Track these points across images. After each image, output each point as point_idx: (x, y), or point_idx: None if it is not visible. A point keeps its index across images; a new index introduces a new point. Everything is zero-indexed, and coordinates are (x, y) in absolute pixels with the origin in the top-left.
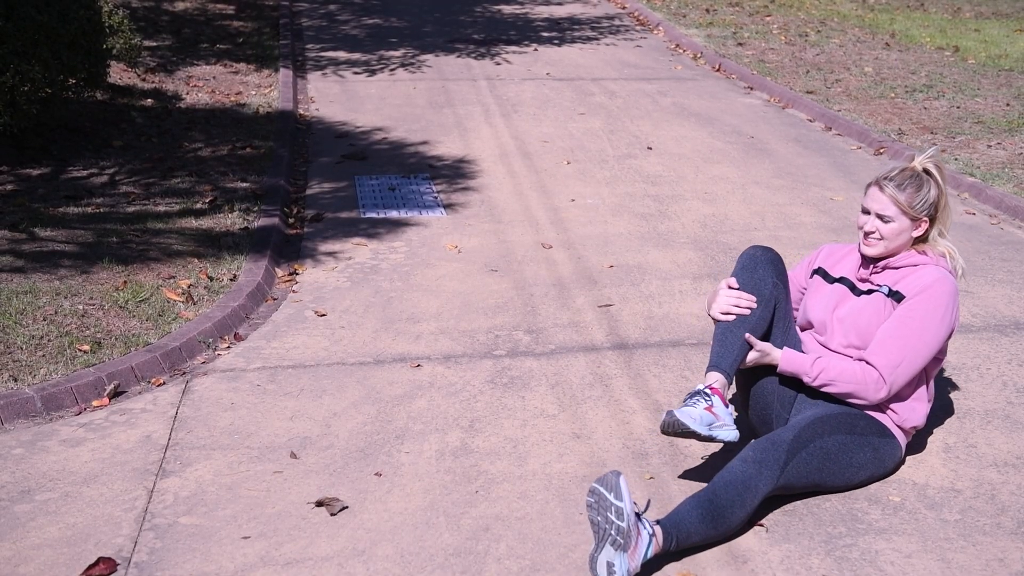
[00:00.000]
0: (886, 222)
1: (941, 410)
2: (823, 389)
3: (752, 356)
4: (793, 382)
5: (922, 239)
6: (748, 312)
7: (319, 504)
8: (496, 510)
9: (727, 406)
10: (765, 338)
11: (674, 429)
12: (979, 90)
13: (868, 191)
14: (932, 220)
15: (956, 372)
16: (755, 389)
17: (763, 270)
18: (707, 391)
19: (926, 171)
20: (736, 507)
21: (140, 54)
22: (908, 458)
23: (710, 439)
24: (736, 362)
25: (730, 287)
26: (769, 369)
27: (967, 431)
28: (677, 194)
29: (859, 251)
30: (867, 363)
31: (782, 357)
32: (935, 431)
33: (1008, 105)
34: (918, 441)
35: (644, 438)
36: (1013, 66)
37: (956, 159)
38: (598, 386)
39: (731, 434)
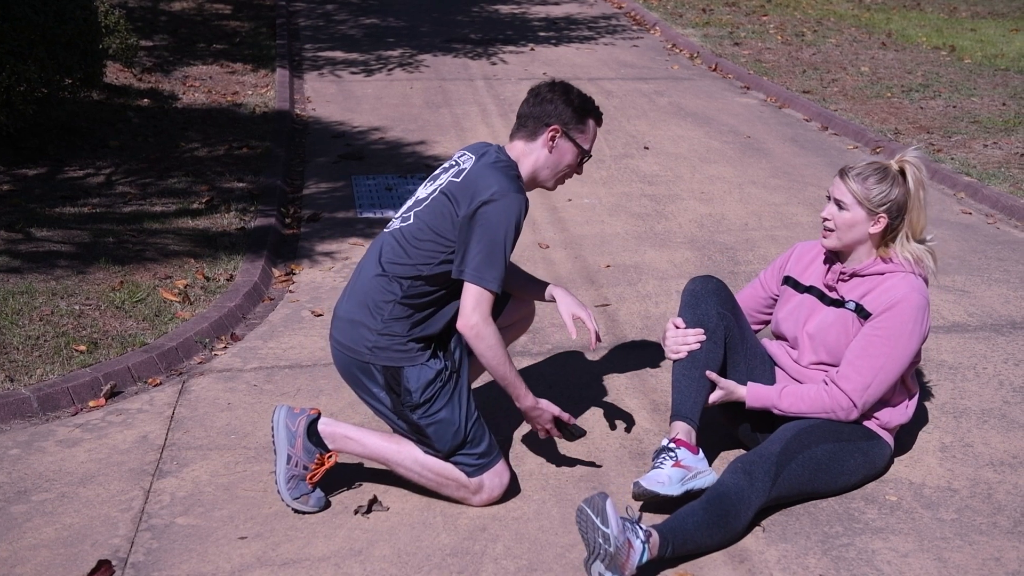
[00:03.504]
0: (841, 210)
1: (937, 409)
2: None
3: (716, 395)
4: (766, 419)
5: (887, 242)
6: (698, 347)
7: (367, 513)
8: (493, 510)
9: (696, 452)
10: (721, 370)
11: (645, 497)
12: (975, 90)
13: (834, 179)
14: (893, 220)
15: (953, 371)
16: (737, 414)
17: (705, 303)
18: (671, 445)
19: (901, 171)
20: (731, 518)
21: (137, 54)
22: (904, 457)
23: (687, 494)
24: (698, 404)
25: (676, 326)
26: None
27: (963, 430)
28: (674, 194)
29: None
30: (836, 385)
31: (748, 394)
32: (932, 430)
33: (1004, 104)
34: (914, 441)
35: (641, 438)
36: (1009, 65)
37: (952, 159)
38: (595, 386)
39: (706, 480)
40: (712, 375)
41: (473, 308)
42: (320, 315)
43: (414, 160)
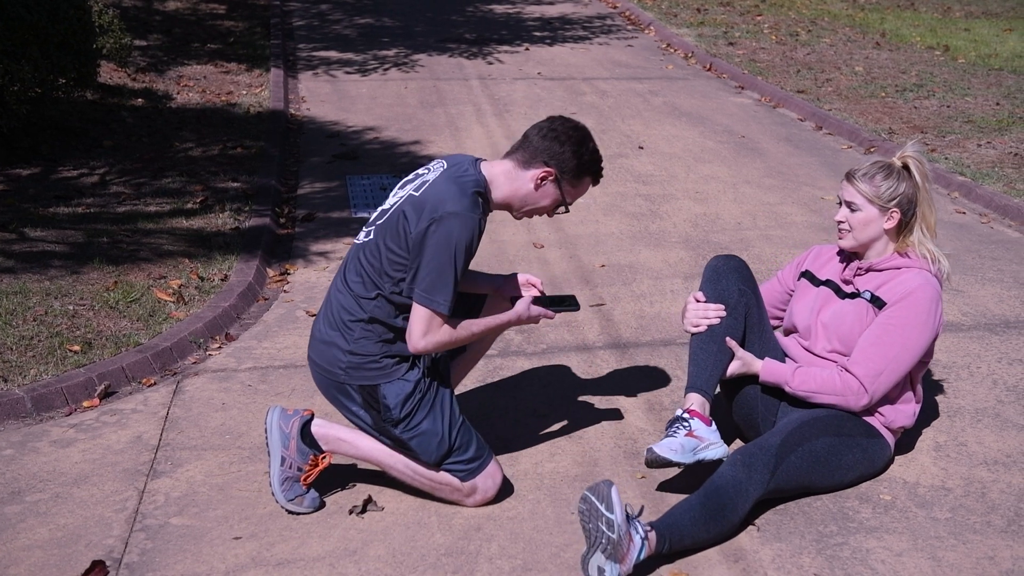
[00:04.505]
0: (854, 211)
1: (931, 409)
2: (804, 399)
3: (734, 366)
4: (775, 390)
5: (904, 237)
6: (718, 321)
7: (361, 513)
8: (488, 510)
9: (709, 424)
10: (740, 345)
11: (658, 464)
12: (969, 89)
13: (842, 183)
14: (905, 214)
15: (946, 371)
16: (739, 395)
17: (727, 280)
18: (685, 416)
19: (904, 166)
20: (728, 510)
21: (131, 54)
22: (899, 457)
23: (698, 463)
24: (713, 377)
25: (697, 300)
26: (752, 377)
27: (957, 430)
28: (668, 193)
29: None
30: (848, 372)
31: (763, 368)
32: (926, 430)
33: (998, 104)
34: (908, 440)
35: (636, 437)
36: (1003, 65)
37: (946, 158)
38: (590, 385)
39: (718, 451)
40: (731, 342)
41: (422, 334)
42: (315, 315)
43: (409, 160)
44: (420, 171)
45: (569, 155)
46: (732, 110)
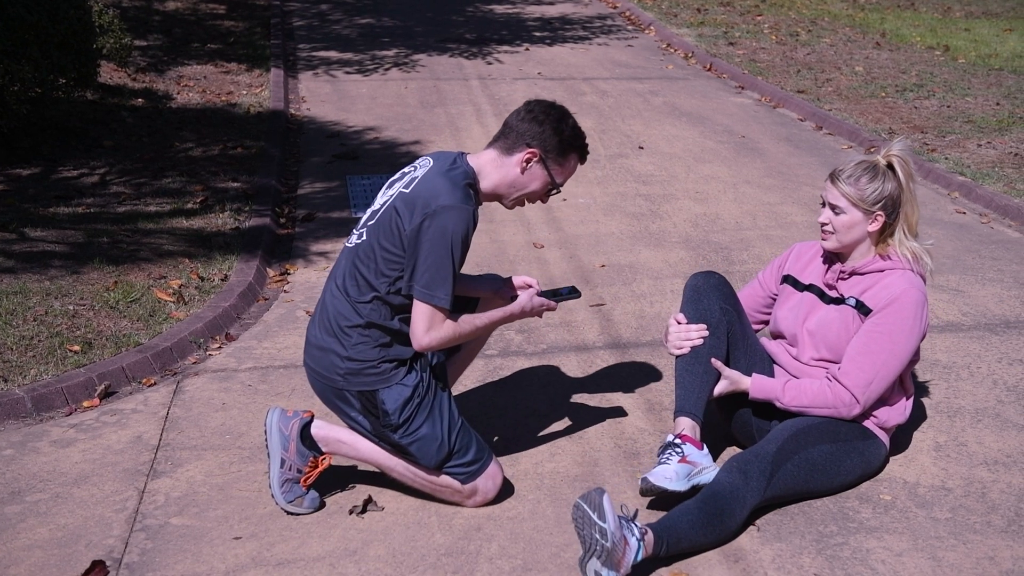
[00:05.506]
0: (837, 214)
1: (932, 409)
2: (796, 413)
3: (721, 386)
4: (767, 408)
5: (885, 239)
6: (701, 342)
7: (361, 513)
8: (488, 510)
9: (701, 448)
10: (724, 363)
11: (653, 493)
12: (969, 89)
13: (825, 183)
14: (890, 215)
15: (947, 371)
16: (734, 410)
17: (708, 299)
18: (677, 441)
19: (889, 165)
20: (725, 516)
21: (131, 54)
22: (899, 456)
23: (693, 488)
24: (701, 399)
25: (678, 322)
26: (743, 392)
27: (958, 430)
28: (668, 193)
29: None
30: (838, 382)
31: (752, 385)
32: (926, 430)
33: (998, 104)
34: (909, 440)
35: (635, 437)
36: (1003, 65)
37: (946, 158)
38: (590, 385)
39: (711, 475)
40: (717, 363)
41: (426, 331)
42: None
43: (409, 160)
44: (407, 169)
45: (550, 133)
46: (732, 110)
